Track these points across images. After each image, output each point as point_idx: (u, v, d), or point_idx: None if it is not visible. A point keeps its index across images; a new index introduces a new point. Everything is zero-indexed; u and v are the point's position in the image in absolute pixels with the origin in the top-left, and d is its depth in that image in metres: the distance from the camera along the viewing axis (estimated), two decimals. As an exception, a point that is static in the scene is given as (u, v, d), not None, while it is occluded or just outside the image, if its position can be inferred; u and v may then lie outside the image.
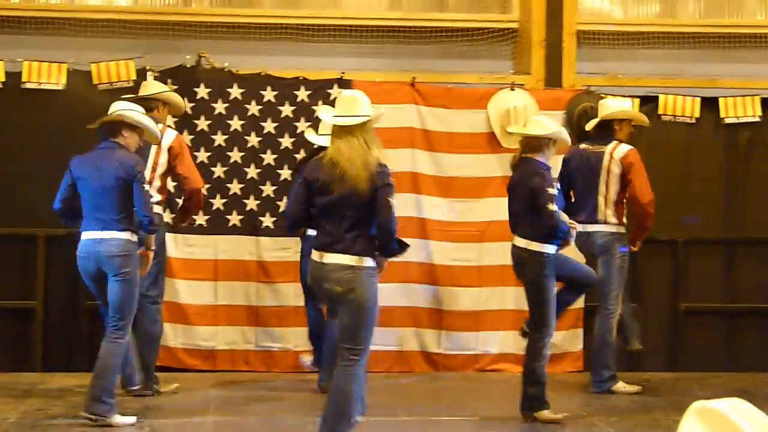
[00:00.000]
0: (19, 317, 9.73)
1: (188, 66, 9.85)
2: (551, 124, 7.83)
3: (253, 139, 9.90)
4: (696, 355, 10.31)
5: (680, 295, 10.31)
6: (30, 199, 9.66)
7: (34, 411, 8.00)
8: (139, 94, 8.70)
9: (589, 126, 9.17)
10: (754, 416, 1.71)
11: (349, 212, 6.02)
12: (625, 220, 8.98)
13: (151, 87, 8.83)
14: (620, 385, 8.96)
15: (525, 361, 7.83)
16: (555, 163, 8.48)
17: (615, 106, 9.24)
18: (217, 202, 9.82)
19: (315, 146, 8.47)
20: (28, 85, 9.62)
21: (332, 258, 6.04)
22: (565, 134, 7.88)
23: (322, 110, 6.51)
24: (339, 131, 6.21)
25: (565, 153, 8.86)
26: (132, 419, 7.48)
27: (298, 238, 8.81)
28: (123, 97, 8.41)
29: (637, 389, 8.98)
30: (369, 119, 6.16)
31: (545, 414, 7.65)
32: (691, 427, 1.70)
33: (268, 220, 9.87)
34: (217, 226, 9.81)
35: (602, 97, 10.11)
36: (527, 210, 7.68)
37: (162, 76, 9.67)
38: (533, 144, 7.78)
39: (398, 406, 8.44)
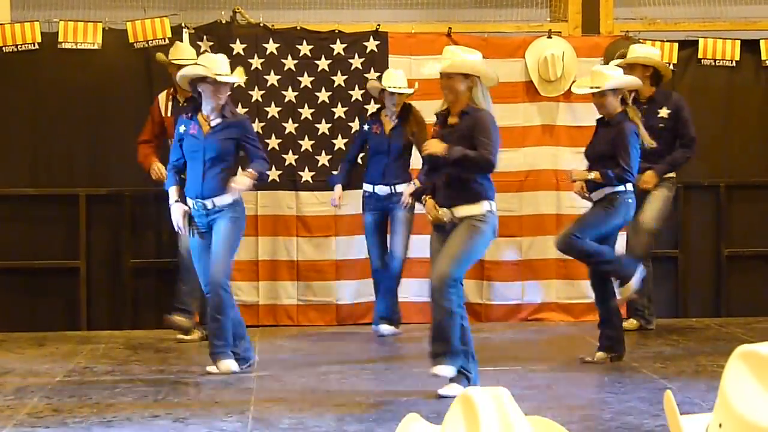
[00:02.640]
0: (64, 277, 9.80)
1: (223, 22, 9.82)
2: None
3: (290, 94, 9.87)
4: (740, 300, 10.25)
5: (723, 241, 10.22)
6: (69, 159, 9.72)
7: (81, 369, 8.08)
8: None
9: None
10: None
11: None
12: None
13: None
14: None
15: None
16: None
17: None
18: (256, 158, 9.82)
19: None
20: (65, 45, 9.62)
21: None
22: None
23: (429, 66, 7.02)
24: None
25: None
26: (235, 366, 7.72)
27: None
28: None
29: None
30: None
31: None
32: (735, 371, 1.68)
33: (306, 175, 9.87)
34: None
35: (641, 43, 10.03)
36: None
37: (197, 33, 9.68)
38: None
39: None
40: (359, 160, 9.46)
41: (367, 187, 9.20)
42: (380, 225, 9.19)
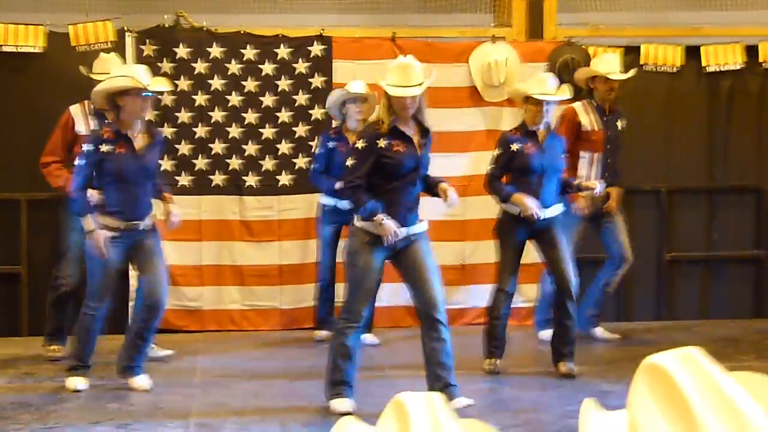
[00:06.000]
0: (4, 282, 9.72)
1: (167, 26, 9.78)
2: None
3: (234, 99, 9.85)
4: (681, 303, 10.36)
5: (665, 245, 10.33)
6: (10, 164, 9.64)
7: (22, 375, 8.02)
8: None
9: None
10: (701, 372, 1.71)
11: None
12: None
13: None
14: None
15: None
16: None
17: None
18: (200, 163, 9.79)
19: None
20: (6, 48, 9.54)
21: None
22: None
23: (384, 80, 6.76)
24: None
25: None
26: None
27: (279, 197, 9.20)
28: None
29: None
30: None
31: None
32: (638, 386, 1.71)
33: (251, 179, 9.85)
34: (201, 186, 9.78)
35: (584, 48, 10.10)
36: None
37: (141, 37, 9.63)
38: None
39: (385, 362, 8.48)
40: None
41: (328, 200, 8.98)
42: (337, 238, 9.01)
